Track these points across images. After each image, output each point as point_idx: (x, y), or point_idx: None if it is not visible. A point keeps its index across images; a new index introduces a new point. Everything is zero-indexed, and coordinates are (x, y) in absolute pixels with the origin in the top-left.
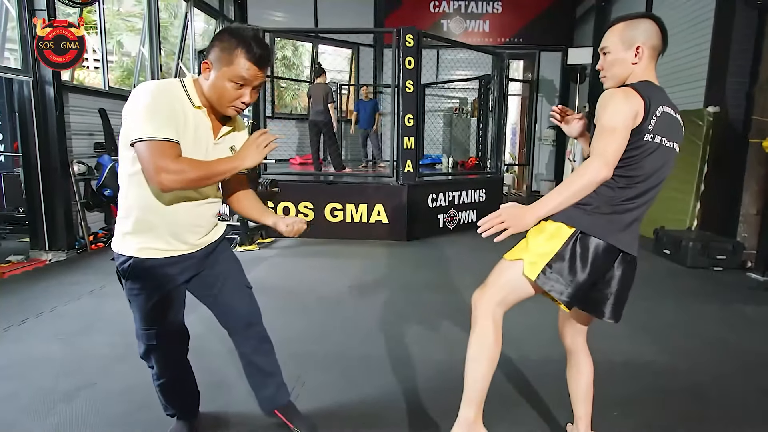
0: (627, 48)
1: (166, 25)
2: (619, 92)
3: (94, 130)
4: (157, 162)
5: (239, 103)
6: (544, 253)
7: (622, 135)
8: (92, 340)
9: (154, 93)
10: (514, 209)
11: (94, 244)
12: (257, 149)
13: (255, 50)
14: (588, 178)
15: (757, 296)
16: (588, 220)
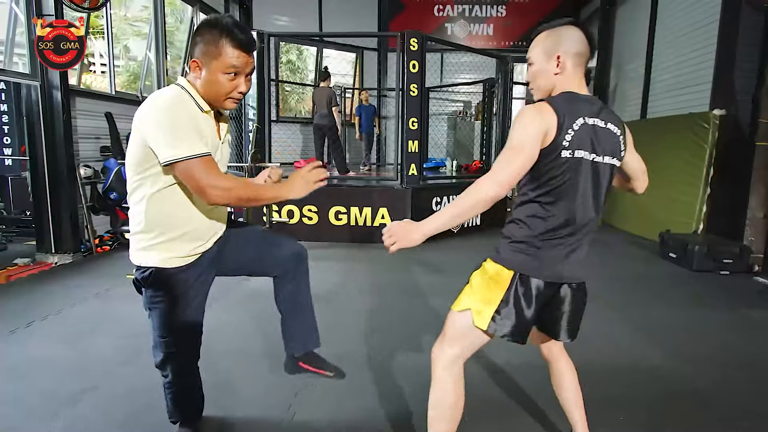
0: (548, 58)
1: (172, 30)
2: (531, 109)
3: (100, 134)
4: (206, 179)
5: (236, 93)
6: (489, 300)
7: (526, 154)
8: (97, 342)
9: (172, 109)
10: (403, 225)
11: (100, 248)
12: (305, 183)
13: (239, 36)
14: (477, 197)
15: (764, 300)
16: (522, 260)
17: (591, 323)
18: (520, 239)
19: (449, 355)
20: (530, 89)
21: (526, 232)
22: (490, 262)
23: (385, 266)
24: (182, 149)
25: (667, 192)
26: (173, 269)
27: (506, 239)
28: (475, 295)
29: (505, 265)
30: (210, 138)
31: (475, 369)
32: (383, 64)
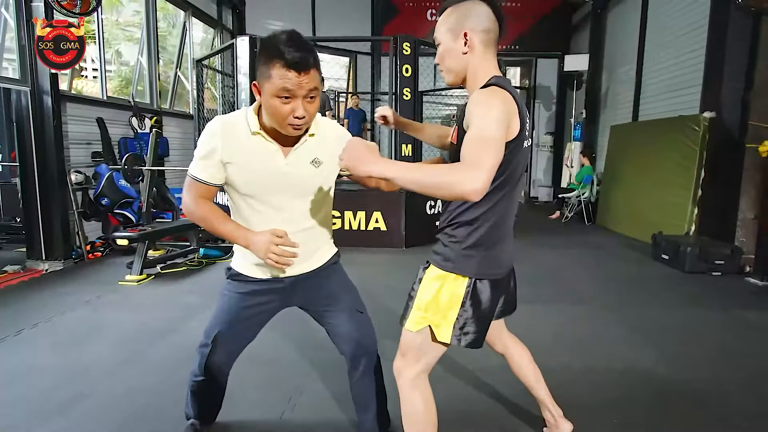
0: (455, 37)
1: (165, 35)
2: (492, 94)
3: (92, 140)
4: (184, 194)
5: (292, 119)
6: (447, 313)
7: (500, 147)
8: (88, 350)
9: (206, 132)
10: (361, 150)
11: (91, 254)
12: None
13: (288, 55)
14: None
15: (757, 301)
16: (479, 264)
17: (587, 325)
18: (475, 242)
19: (412, 373)
20: (440, 70)
21: (480, 233)
22: (438, 271)
23: (380, 271)
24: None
25: (659, 194)
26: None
27: (455, 243)
28: (430, 311)
29: (459, 273)
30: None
31: (444, 374)
32: (377, 68)
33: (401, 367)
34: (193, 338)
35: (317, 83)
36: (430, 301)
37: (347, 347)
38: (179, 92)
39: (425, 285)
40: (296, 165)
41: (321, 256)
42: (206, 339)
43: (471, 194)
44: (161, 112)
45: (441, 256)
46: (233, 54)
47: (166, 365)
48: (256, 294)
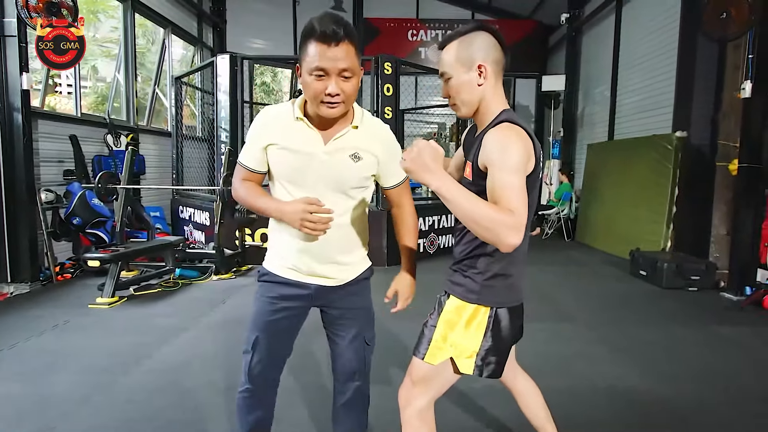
0: (467, 69)
1: (144, 51)
2: (514, 136)
3: (64, 157)
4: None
5: (324, 96)
6: (470, 345)
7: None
8: (54, 379)
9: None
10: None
11: (61, 275)
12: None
13: (319, 28)
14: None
15: (732, 316)
16: (500, 293)
17: (570, 344)
18: (496, 272)
19: (423, 403)
20: (451, 105)
21: (501, 264)
22: (459, 302)
23: None
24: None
25: (635, 210)
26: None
27: (477, 274)
28: (452, 343)
29: (482, 303)
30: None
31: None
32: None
33: (410, 397)
34: (169, 364)
35: (353, 61)
36: (452, 333)
37: (342, 371)
38: (157, 109)
39: (446, 317)
40: (335, 154)
41: (355, 268)
42: (247, 345)
43: (509, 248)
44: (138, 129)
45: (463, 287)
46: (213, 72)
47: (140, 394)
48: (284, 299)
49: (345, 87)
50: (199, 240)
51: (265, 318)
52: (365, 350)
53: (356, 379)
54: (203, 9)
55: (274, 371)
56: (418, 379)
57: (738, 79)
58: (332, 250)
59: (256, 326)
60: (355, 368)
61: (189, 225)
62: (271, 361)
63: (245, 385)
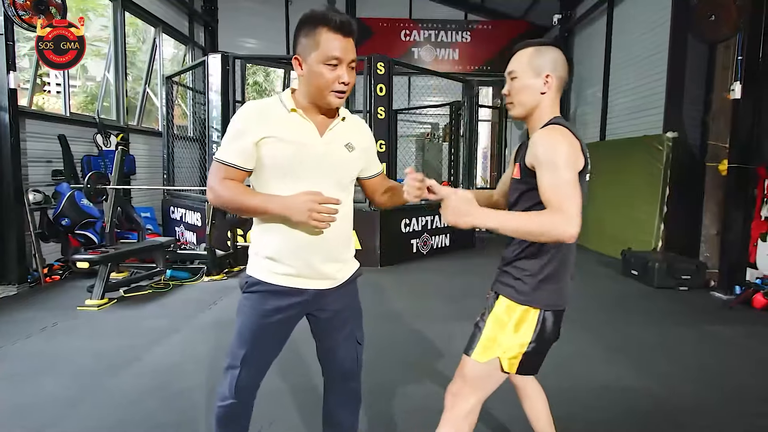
0: (536, 75)
1: (134, 50)
2: (560, 136)
3: (52, 157)
4: (209, 178)
5: (338, 85)
6: (517, 345)
7: (578, 186)
8: (42, 383)
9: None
10: (460, 204)
11: (49, 277)
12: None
13: (335, 19)
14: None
15: (722, 316)
16: (550, 296)
17: (566, 344)
18: (547, 275)
19: (471, 403)
20: (507, 103)
21: (553, 266)
22: (509, 303)
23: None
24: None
25: (627, 210)
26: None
27: (529, 277)
28: (500, 342)
29: (532, 305)
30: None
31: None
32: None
33: (459, 396)
34: (159, 366)
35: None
36: (501, 333)
37: (332, 372)
38: (148, 109)
39: (496, 317)
40: (332, 145)
41: (348, 267)
42: (234, 360)
43: (569, 239)
44: (128, 129)
45: (513, 288)
46: (205, 71)
47: (129, 398)
48: (278, 311)
49: (352, 76)
50: (190, 241)
51: (257, 332)
52: (357, 350)
53: (351, 379)
54: (194, 8)
55: (260, 380)
56: (471, 378)
57: (728, 80)
58: (335, 246)
59: (244, 341)
60: (349, 368)
61: (180, 226)
62: (259, 373)
63: (229, 399)
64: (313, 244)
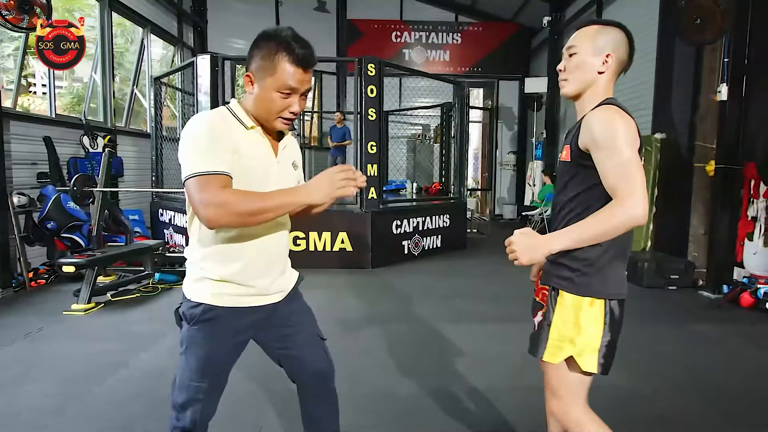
0: (596, 53)
1: (122, 51)
2: (616, 115)
3: (37, 160)
4: (197, 197)
5: (287, 113)
6: (591, 341)
7: (639, 162)
8: (26, 390)
9: (199, 126)
10: (527, 240)
11: (34, 281)
12: (331, 186)
13: (297, 52)
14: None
15: (710, 315)
16: (613, 284)
17: None
18: (606, 263)
19: (577, 414)
20: (561, 79)
21: (610, 253)
22: (571, 297)
23: (345, 292)
24: (190, 167)
25: None
26: (222, 310)
27: (588, 266)
28: (570, 340)
29: (595, 296)
30: (259, 156)
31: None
32: (342, 88)
33: (561, 410)
34: (145, 372)
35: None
36: (570, 331)
37: (307, 377)
38: (136, 110)
39: (561, 313)
40: (284, 164)
41: (293, 275)
42: (194, 395)
43: (643, 221)
44: (116, 130)
45: (571, 281)
46: (194, 72)
47: (115, 404)
48: (239, 332)
49: (303, 105)
50: (179, 243)
51: (216, 362)
52: (323, 347)
53: (328, 378)
54: (183, 8)
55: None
56: (559, 390)
57: (714, 81)
58: (284, 260)
59: (201, 374)
60: (323, 367)
61: (169, 228)
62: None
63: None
64: (267, 262)
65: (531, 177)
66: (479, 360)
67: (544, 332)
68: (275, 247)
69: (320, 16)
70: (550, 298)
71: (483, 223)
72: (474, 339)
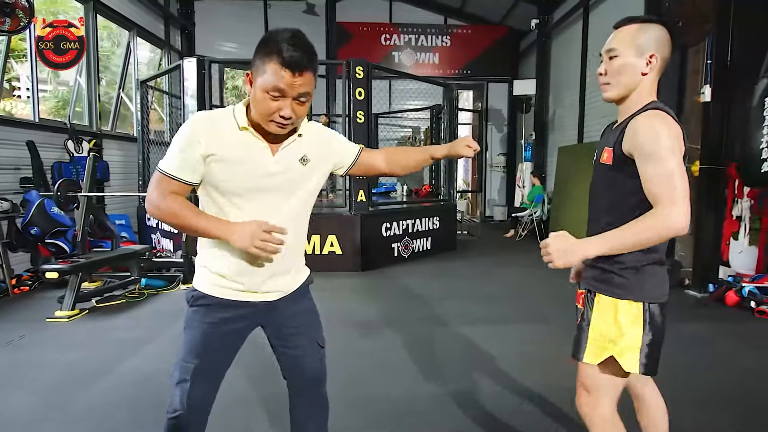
0: (639, 54)
1: (108, 54)
2: (663, 122)
3: (20, 164)
4: (151, 189)
5: (278, 117)
6: (630, 340)
7: (683, 171)
8: (6, 399)
9: (185, 127)
10: (562, 243)
11: (18, 288)
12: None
13: (287, 53)
14: (667, 231)
15: (695, 314)
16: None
17: (550, 345)
18: (642, 265)
19: (606, 411)
20: (602, 83)
21: (647, 257)
22: (609, 299)
23: (334, 296)
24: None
25: None
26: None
27: (625, 269)
28: (610, 340)
29: (635, 299)
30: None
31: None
32: (331, 90)
33: (591, 406)
34: (128, 379)
35: (311, 87)
36: (609, 331)
37: (299, 380)
38: (123, 114)
39: (599, 315)
40: (285, 163)
41: (299, 276)
42: (183, 374)
43: (681, 231)
44: (101, 134)
45: (608, 283)
46: (180, 75)
47: (98, 413)
48: (227, 322)
49: (298, 110)
50: (167, 248)
51: (206, 345)
52: (320, 354)
53: (319, 384)
54: (170, 11)
55: (214, 394)
56: (590, 385)
57: (698, 83)
58: (288, 261)
59: (193, 354)
60: (314, 375)
61: (156, 233)
62: (212, 386)
63: (179, 411)
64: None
65: (520, 178)
66: (471, 361)
67: (584, 333)
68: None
69: (309, 19)
70: (587, 300)
71: (473, 224)
72: (465, 340)
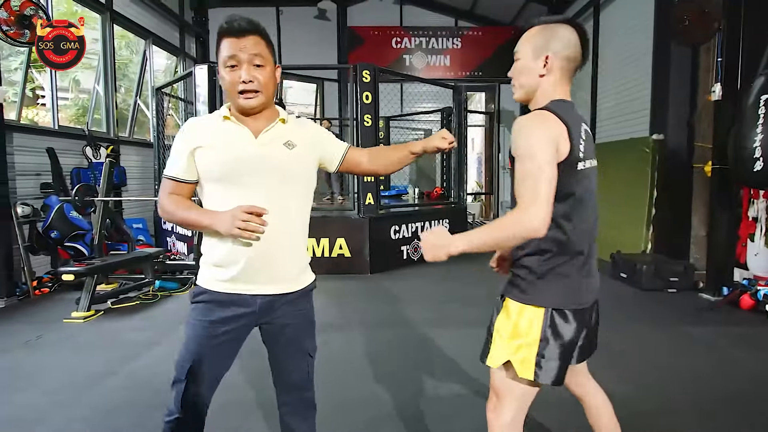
0: (536, 57)
1: (126, 62)
2: (534, 119)
3: (41, 170)
4: (159, 193)
5: (240, 85)
6: (526, 347)
7: (550, 171)
8: (13, 399)
9: (178, 132)
10: (435, 239)
11: (38, 290)
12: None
13: (227, 25)
14: (522, 231)
15: (706, 317)
16: (554, 295)
17: None
18: (547, 270)
19: (506, 418)
20: (512, 85)
21: (553, 262)
22: (514, 304)
23: (343, 299)
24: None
25: (616, 213)
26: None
27: (529, 273)
28: (509, 345)
29: (535, 304)
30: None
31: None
32: (343, 94)
33: (495, 411)
34: (134, 380)
35: (263, 50)
36: (508, 336)
37: (282, 383)
38: (140, 120)
39: (502, 319)
40: (269, 146)
41: (302, 278)
42: (179, 374)
43: (535, 232)
44: (119, 140)
45: (515, 287)
46: (193, 82)
47: (98, 413)
48: (224, 322)
49: (258, 74)
50: (181, 251)
51: (203, 344)
52: (308, 362)
53: (301, 389)
54: (185, 20)
55: (209, 396)
56: (497, 389)
57: (709, 81)
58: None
59: (190, 353)
60: (297, 381)
61: (172, 236)
62: (207, 387)
63: (175, 414)
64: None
65: None
66: (468, 365)
67: (488, 336)
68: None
69: (321, 24)
70: (497, 303)
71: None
72: (466, 344)
